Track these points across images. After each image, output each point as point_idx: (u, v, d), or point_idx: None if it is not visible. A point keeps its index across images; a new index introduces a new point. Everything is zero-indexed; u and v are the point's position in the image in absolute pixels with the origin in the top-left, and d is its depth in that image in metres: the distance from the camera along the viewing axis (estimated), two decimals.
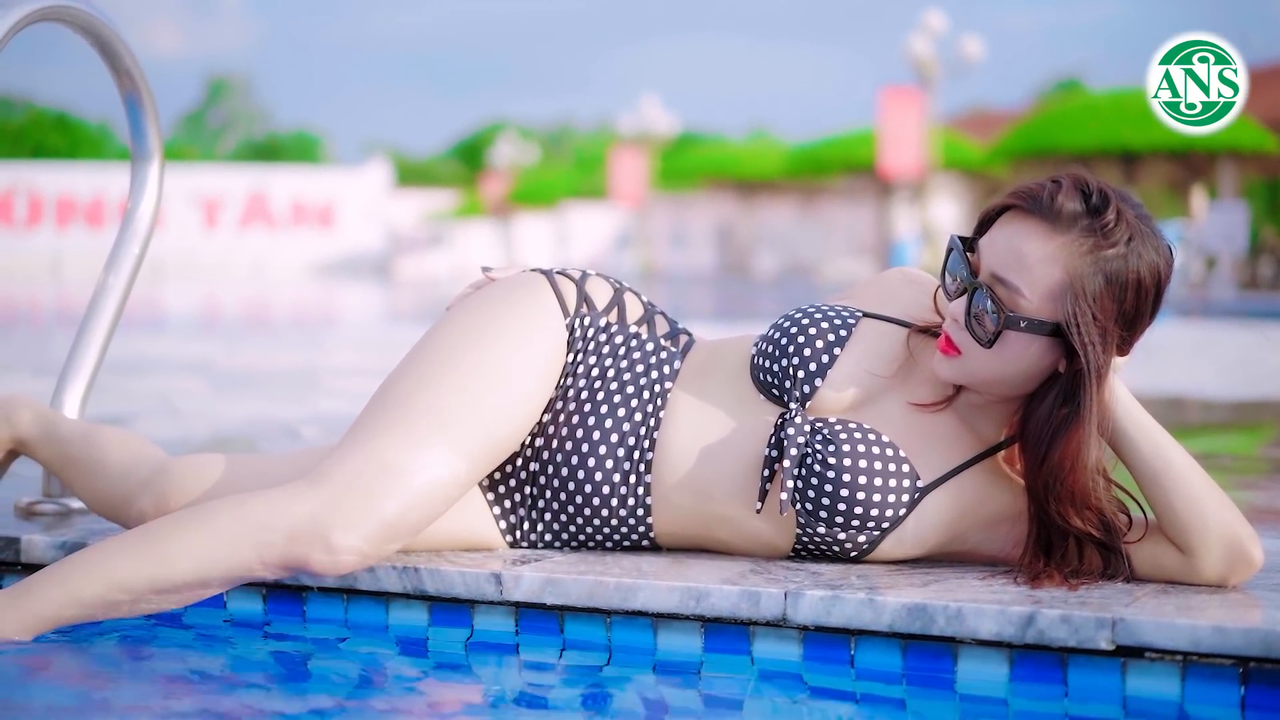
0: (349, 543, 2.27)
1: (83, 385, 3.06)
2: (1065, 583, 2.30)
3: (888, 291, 2.56)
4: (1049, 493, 2.32)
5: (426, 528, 2.41)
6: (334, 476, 2.30)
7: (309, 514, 2.26)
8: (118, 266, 3.13)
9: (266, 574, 2.31)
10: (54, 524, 2.86)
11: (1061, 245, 2.27)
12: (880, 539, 2.41)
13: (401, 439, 2.34)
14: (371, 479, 2.30)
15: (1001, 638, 2.16)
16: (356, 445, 2.35)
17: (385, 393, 2.43)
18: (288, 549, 2.26)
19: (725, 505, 2.47)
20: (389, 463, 2.32)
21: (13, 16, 2.81)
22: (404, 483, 2.31)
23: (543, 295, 2.56)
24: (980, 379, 2.37)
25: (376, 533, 2.29)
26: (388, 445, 2.33)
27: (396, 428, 2.35)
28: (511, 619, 2.43)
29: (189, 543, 2.27)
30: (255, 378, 7.08)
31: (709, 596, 2.30)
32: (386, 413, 2.38)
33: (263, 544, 2.26)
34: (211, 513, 2.29)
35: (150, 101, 3.13)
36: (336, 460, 2.33)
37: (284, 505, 2.27)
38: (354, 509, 2.28)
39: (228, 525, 2.27)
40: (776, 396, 2.47)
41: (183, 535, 2.29)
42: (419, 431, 2.35)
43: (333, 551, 2.27)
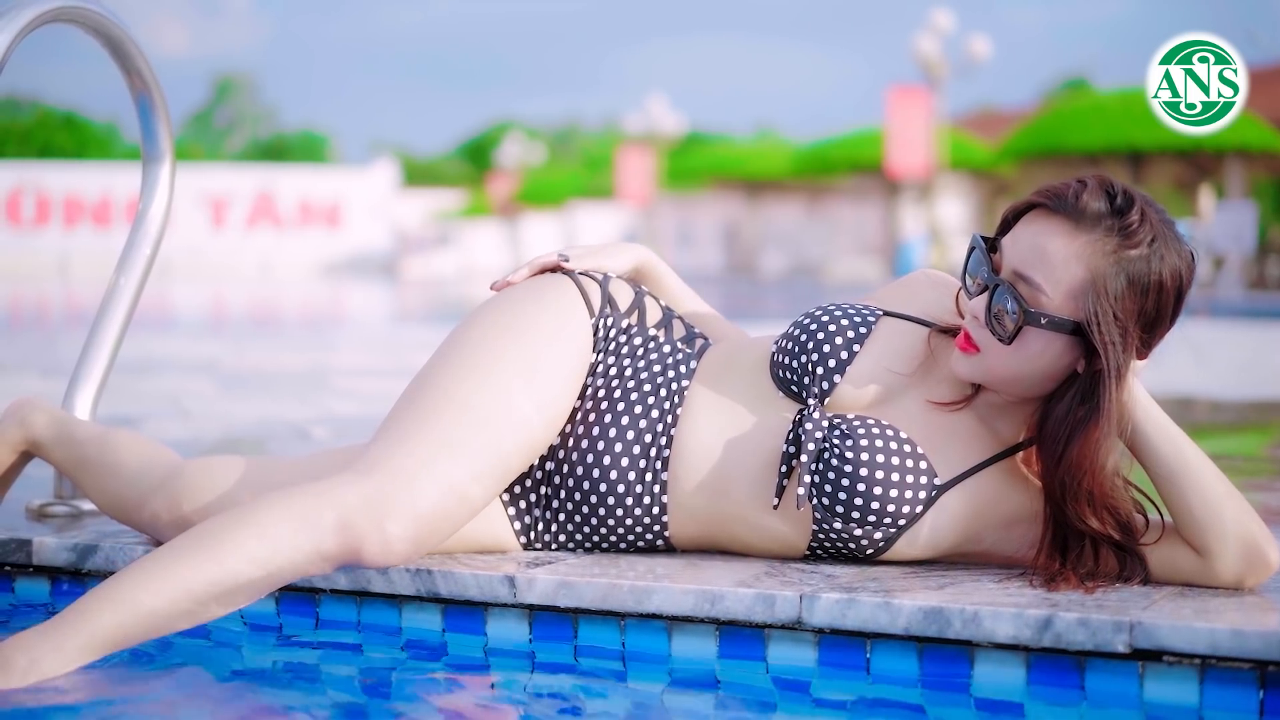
0: (399, 530, 2.24)
1: (94, 387, 3.05)
2: (1081, 585, 2.29)
3: (910, 292, 2.56)
4: (1066, 493, 2.31)
5: (469, 521, 2.40)
6: (380, 467, 2.28)
7: (359, 504, 2.23)
8: (129, 268, 3.12)
9: (325, 566, 2.25)
10: (65, 526, 2.86)
11: (1085, 244, 2.27)
12: (896, 536, 2.40)
13: (441, 435, 2.33)
14: (415, 471, 2.28)
15: (1018, 641, 2.15)
16: (397, 439, 2.33)
17: (421, 388, 2.42)
18: (342, 538, 2.22)
19: (742, 504, 2.46)
20: (430, 457, 2.30)
21: (25, 17, 2.81)
22: (446, 476, 2.30)
23: (569, 294, 2.56)
24: (999, 377, 2.36)
25: (424, 522, 2.27)
26: (428, 440, 2.32)
27: (435, 423, 2.34)
28: (525, 622, 2.42)
29: (245, 544, 2.21)
30: (263, 378, 7.07)
31: (724, 599, 2.29)
32: (424, 408, 2.37)
33: (317, 536, 2.22)
34: (263, 511, 2.24)
35: (161, 102, 3.12)
36: (379, 453, 2.31)
37: (334, 496, 2.24)
38: (401, 498, 2.25)
39: (279, 520, 2.22)
40: (795, 393, 2.47)
41: (238, 538, 2.21)
42: (458, 427, 2.34)
43: (386, 539, 2.24)
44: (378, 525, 2.23)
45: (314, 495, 2.24)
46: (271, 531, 2.21)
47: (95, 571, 2.66)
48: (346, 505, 2.23)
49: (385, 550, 2.25)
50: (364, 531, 2.23)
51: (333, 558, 2.24)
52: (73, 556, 2.68)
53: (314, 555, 2.23)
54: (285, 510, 2.23)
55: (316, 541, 2.22)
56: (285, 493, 2.27)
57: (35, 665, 2.17)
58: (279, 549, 2.21)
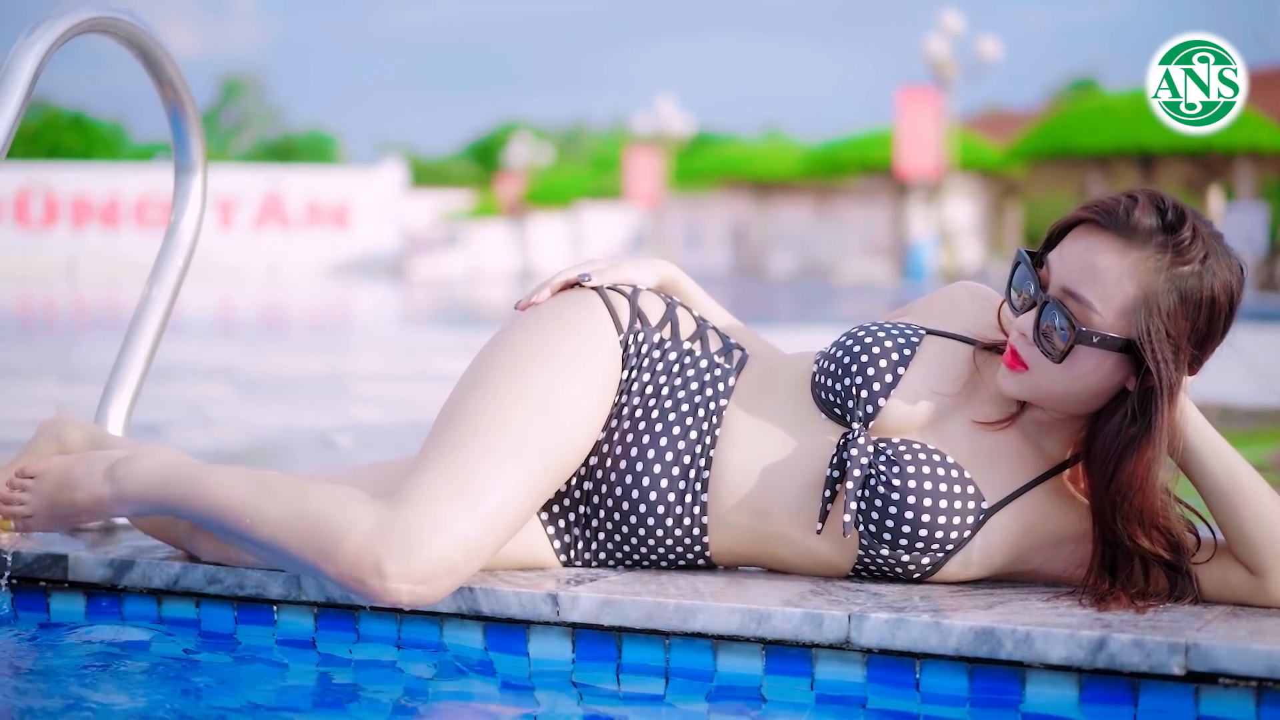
0: (399, 570, 2.23)
1: (127, 399, 3.04)
2: (1132, 605, 2.26)
3: (951, 307, 2.52)
4: (1116, 512, 2.28)
5: (499, 550, 2.38)
6: (410, 502, 2.27)
7: (377, 540, 2.23)
8: (162, 279, 3.10)
9: (324, 575, 2.29)
10: (99, 540, 2.84)
11: (1137, 261, 2.24)
12: (944, 561, 2.38)
13: (470, 471, 2.31)
14: (442, 509, 2.26)
15: (1071, 662, 2.12)
16: (426, 473, 2.31)
17: (452, 419, 2.39)
18: (349, 564, 2.25)
19: (784, 524, 2.44)
20: (459, 491, 2.28)
21: (60, 28, 2.79)
22: (477, 509, 2.28)
23: (596, 312, 2.53)
24: (1047, 395, 2.33)
25: (432, 571, 2.25)
26: (456, 474, 2.30)
27: (464, 459, 2.32)
28: (568, 640, 2.40)
29: (275, 503, 2.33)
30: (282, 384, 7.05)
31: (771, 618, 2.27)
32: (454, 441, 2.35)
33: (326, 552, 2.27)
34: (310, 495, 2.32)
35: (194, 113, 3.10)
36: (413, 486, 2.30)
37: (363, 524, 2.26)
38: (418, 542, 2.24)
39: (310, 515, 2.28)
40: (838, 415, 2.43)
41: (277, 496, 2.33)
42: (486, 463, 2.32)
43: (383, 577, 2.23)
44: (376, 563, 2.24)
45: (348, 513, 2.27)
46: (295, 517, 2.30)
47: (131, 587, 2.64)
48: (367, 538, 2.25)
49: (382, 589, 2.25)
50: (371, 568, 2.24)
51: (331, 575, 2.28)
52: (109, 572, 2.66)
53: (315, 561, 2.28)
54: (322, 505, 2.29)
55: (320, 555, 2.27)
56: (334, 495, 2.31)
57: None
58: (293, 533, 2.30)
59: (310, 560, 2.29)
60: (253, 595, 2.55)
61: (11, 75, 2.73)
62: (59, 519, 2.64)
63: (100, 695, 2.36)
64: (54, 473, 2.63)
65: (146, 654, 2.56)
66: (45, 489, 2.63)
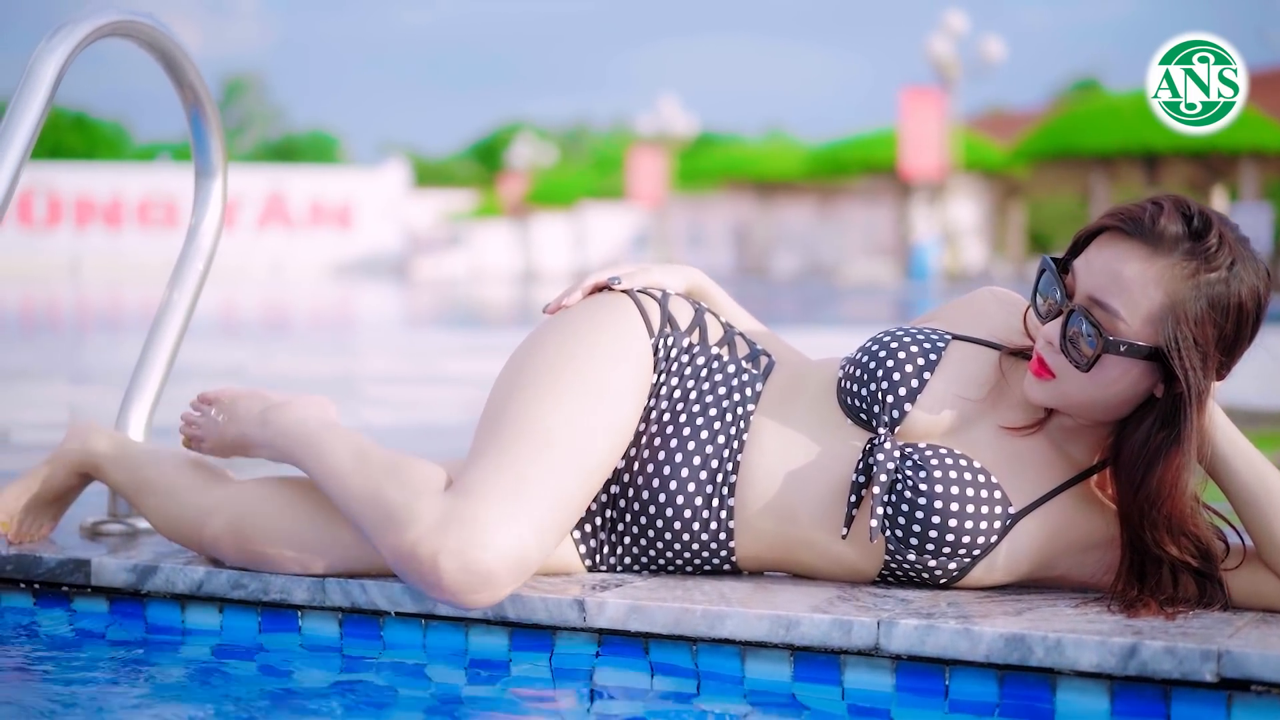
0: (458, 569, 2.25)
1: (148, 404, 3.03)
2: (1162, 612, 2.25)
3: (976, 312, 2.52)
4: (1145, 519, 2.27)
5: (550, 555, 2.38)
6: (467, 500, 2.28)
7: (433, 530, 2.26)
8: (182, 283, 3.10)
9: (384, 549, 2.33)
10: (121, 545, 2.83)
11: (1163, 268, 2.23)
12: (971, 566, 2.38)
13: (522, 472, 2.31)
14: (495, 516, 2.26)
15: (1102, 669, 2.12)
16: (480, 480, 2.31)
17: (494, 425, 2.39)
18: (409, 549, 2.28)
19: (810, 530, 2.43)
20: (514, 497, 2.28)
21: (81, 32, 2.79)
22: (532, 514, 2.28)
23: (628, 315, 2.52)
24: (1075, 403, 2.33)
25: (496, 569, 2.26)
26: (510, 479, 2.30)
27: (513, 463, 2.31)
28: (594, 645, 2.39)
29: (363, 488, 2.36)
30: (292, 385, 7.04)
31: (799, 625, 2.27)
32: (499, 447, 2.34)
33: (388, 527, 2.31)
34: (393, 481, 2.34)
35: (215, 117, 3.10)
36: (464, 492, 2.30)
37: (424, 514, 2.28)
38: (473, 544, 2.25)
39: (389, 501, 2.32)
40: (864, 421, 2.43)
41: (366, 477, 2.37)
42: (537, 463, 2.32)
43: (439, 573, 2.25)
44: (433, 559, 2.25)
45: (422, 501, 2.30)
46: (369, 484, 2.35)
47: (155, 592, 2.64)
48: (426, 528, 2.27)
49: (438, 584, 2.26)
50: (425, 560, 2.26)
51: (395, 565, 2.31)
52: (132, 577, 2.65)
53: (377, 535, 2.32)
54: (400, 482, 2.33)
55: (382, 529, 2.31)
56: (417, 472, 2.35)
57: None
58: (362, 501, 2.35)
59: (376, 542, 2.33)
60: (277, 600, 2.55)
61: (34, 79, 2.73)
62: (221, 447, 2.66)
63: (123, 701, 2.36)
64: (224, 402, 2.66)
65: (169, 660, 2.56)
66: (215, 416, 2.66)
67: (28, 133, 2.71)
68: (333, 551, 2.48)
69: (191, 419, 2.70)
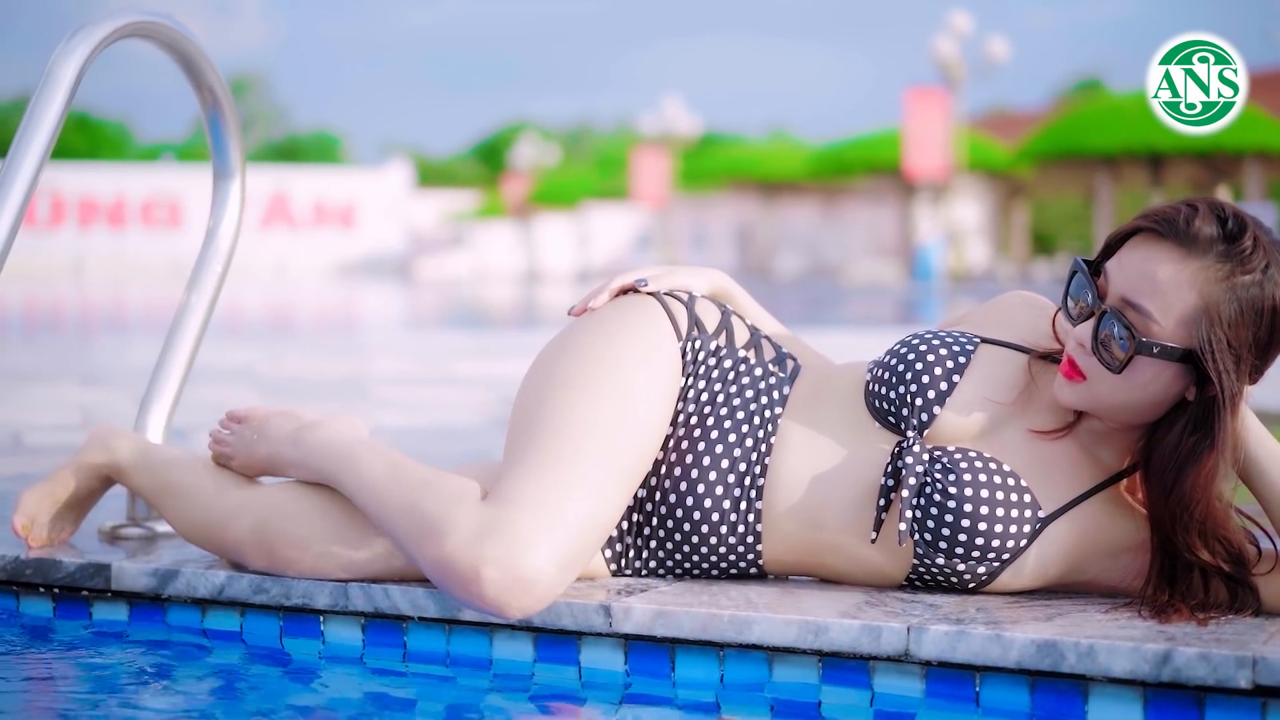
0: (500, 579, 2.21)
1: (167, 407, 3.01)
2: (1194, 617, 2.24)
3: (1006, 315, 2.50)
4: (1177, 524, 2.26)
5: (586, 564, 2.36)
6: (506, 509, 2.25)
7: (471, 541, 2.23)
8: (200, 285, 3.08)
9: (421, 561, 2.30)
10: (141, 549, 2.82)
11: (1197, 270, 2.21)
12: (1000, 570, 2.36)
13: (560, 477, 2.28)
14: (525, 524, 2.23)
15: (1136, 675, 2.10)
16: (517, 484, 2.28)
17: (526, 429, 2.36)
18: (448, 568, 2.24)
19: (838, 534, 2.42)
20: (551, 502, 2.26)
21: (100, 33, 2.77)
22: (570, 519, 2.26)
23: (656, 318, 2.51)
24: (1106, 405, 2.31)
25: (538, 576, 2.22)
26: (537, 488, 2.27)
27: (539, 471, 2.29)
28: (620, 652, 2.37)
29: (400, 503, 2.33)
30: (304, 387, 7.02)
31: (828, 630, 2.25)
32: (535, 451, 2.32)
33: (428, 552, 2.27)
34: (429, 493, 2.31)
35: (233, 119, 3.08)
36: (502, 498, 2.27)
37: (462, 524, 2.24)
38: (514, 551, 2.21)
39: (426, 513, 2.28)
40: (892, 424, 2.41)
41: (402, 491, 2.34)
42: (575, 467, 2.30)
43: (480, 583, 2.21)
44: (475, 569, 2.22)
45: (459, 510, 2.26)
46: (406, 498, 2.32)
47: (176, 597, 2.62)
48: (464, 538, 2.23)
49: (480, 596, 2.22)
50: (466, 569, 2.22)
51: (434, 577, 2.26)
52: (153, 582, 2.64)
53: (422, 555, 2.28)
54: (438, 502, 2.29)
55: (420, 542, 2.27)
56: (452, 486, 2.31)
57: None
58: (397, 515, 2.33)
59: (415, 554, 2.29)
60: (299, 605, 2.53)
61: (53, 81, 2.71)
62: (251, 466, 2.63)
63: (143, 706, 2.34)
64: (255, 421, 2.63)
65: (190, 664, 2.54)
66: (246, 434, 2.63)
67: (47, 134, 2.69)
68: (359, 557, 2.47)
69: (221, 437, 2.66)
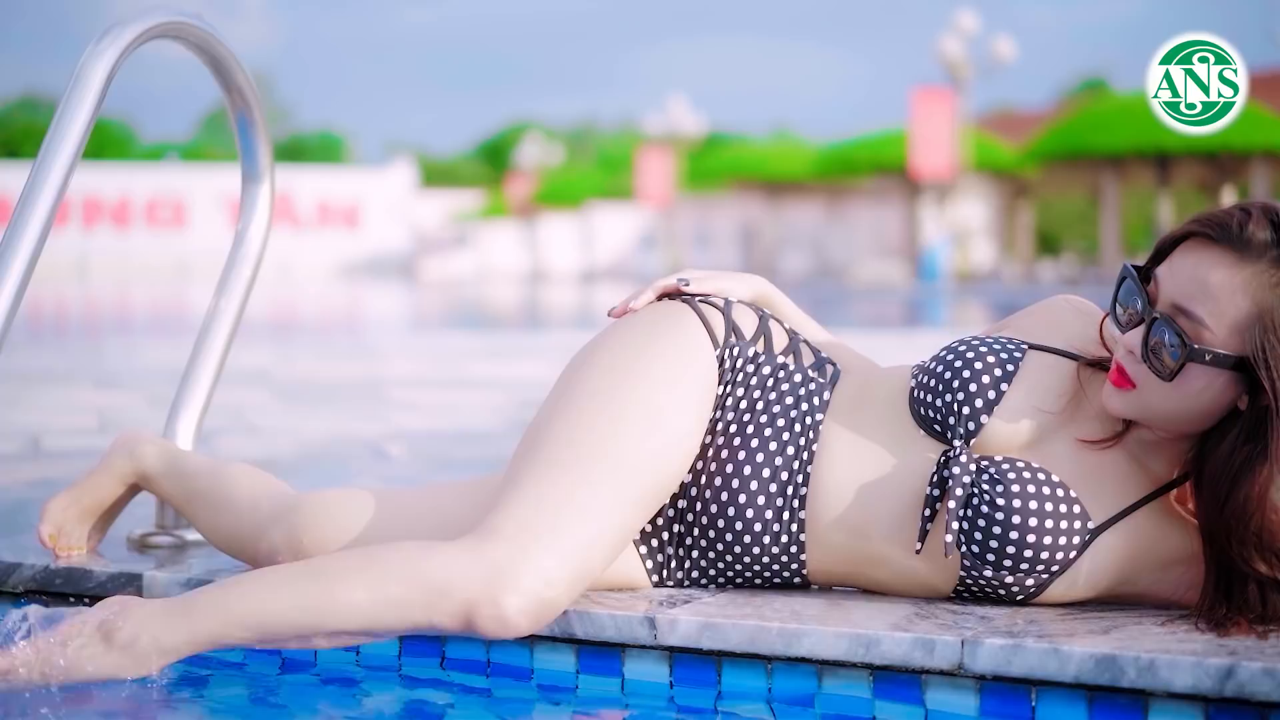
0: (519, 605, 2.14)
1: (197, 413, 2.98)
2: (1253, 631, 2.19)
3: (1053, 321, 2.45)
4: (1231, 536, 2.21)
5: (600, 576, 2.31)
6: (502, 533, 2.18)
7: (481, 578, 2.14)
8: (229, 290, 3.05)
9: (438, 629, 2.18)
10: (170, 558, 2.78)
11: (1251, 275, 2.17)
12: (1049, 582, 2.31)
13: (565, 491, 2.23)
14: (538, 535, 2.18)
15: (1198, 691, 2.05)
16: (519, 501, 2.23)
17: (542, 439, 2.31)
18: (460, 611, 2.14)
19: (883, 544, 2.37)
20: (554, 525, 2.20)
21: (129, 35, 2.73)
22: (572, 543, 2.20)
23: (690, 326, 2.46)
24: (1156, 414, 2.26)
25: (546, 600, 2.17)
26: (551, 498, 2.22)
27: (559, 482, 2.24)
28: (665, 664, 2.33)
29: (355, 591, 2.15)
30: (319, 389, 6.97)
31: (880, 644, 2.21)
32: (546, 464, 2.27)
33: (433, 605, 2.14)
34: (382, 564, 2.17)
35: (262, 121, 3.05)
36: (500, 520, 2.21)
37: (456, 568, 2.15)
38: (521, 571, 2.15)
39: (398, 581, 2.15)
40: (938, 433, 2.37)
41: (350, 583, 2.16)
42: (581, 486, 2.24)
43: (503, 617, 2.14)
44: (494, 602, 2.14)
45: (439, 565, 2.16)
46: (393, 592, 2.15)
47: None
48: (468, 579, 2.15)
49: (502, 627, 2.15)
50: (481, 608, 2.14)
51: (446, 628, 2.17)
52: (184, 591, 2.59)
53: (428, 623, 2.17)
54: (410, 574, 2.16)
55: (433, 612, 2.15)
56: (410, 553, 2.18)
57: (157, 643, 2.20)
58: (397, 612, 2.16)
59: (434, 623, 2.17)
60: None
61: (82, 84, 2.67)
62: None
63: (180, 716, 2.31)
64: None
65: (225, 674, 2.50)
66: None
67: (78, 136, 2.65)
68: None
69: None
